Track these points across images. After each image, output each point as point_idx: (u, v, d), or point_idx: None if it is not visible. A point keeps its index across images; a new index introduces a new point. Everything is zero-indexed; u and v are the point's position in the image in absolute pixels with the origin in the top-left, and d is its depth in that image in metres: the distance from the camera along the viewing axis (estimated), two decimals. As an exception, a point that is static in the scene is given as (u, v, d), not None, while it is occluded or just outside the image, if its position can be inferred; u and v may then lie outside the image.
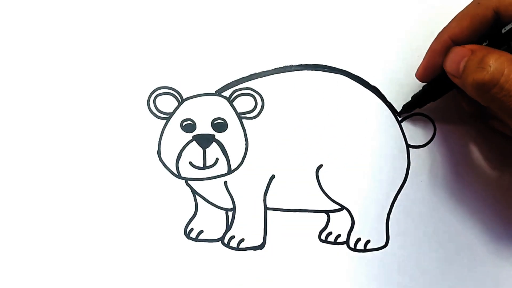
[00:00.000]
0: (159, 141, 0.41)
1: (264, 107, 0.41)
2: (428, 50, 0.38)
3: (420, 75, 0.39)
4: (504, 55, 0.32)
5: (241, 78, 0.42)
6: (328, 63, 0.42)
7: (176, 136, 0.41)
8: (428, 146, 0.42)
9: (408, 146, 0.42)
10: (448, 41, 0.37)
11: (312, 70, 0.42)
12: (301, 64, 0.42)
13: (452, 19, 0.37)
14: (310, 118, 0.41)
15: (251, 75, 0.42)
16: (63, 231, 0.41)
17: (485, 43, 0.35)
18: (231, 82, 0.42)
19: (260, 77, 0.42)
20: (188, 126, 0.41)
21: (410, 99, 0.41)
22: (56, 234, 0.41)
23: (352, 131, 0.41)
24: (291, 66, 0.42)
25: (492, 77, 0.31)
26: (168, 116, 0.41)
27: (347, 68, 0.42)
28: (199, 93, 0.41)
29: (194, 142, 0.41)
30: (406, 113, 0.42)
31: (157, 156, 0.41)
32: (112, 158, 0.41)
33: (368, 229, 0.41)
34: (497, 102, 0.32)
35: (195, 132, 0.41)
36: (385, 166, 0.41)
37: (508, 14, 0.34)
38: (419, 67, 0.39)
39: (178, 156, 0.41)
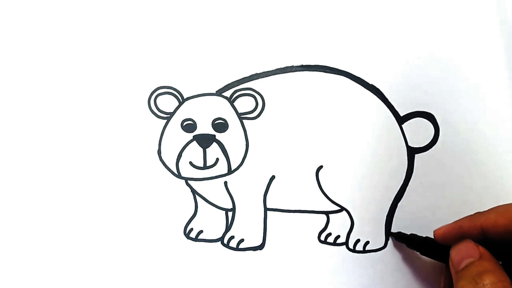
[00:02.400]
0: (159, 141, 0.41)
1: (265, 107, 0.41)
2: (457, 221, 0.37)
3: (438, 235, 0.37)
4: (504, 280, 0.30)
5: (242, 78, 0.41)
6: (329, 64, 0.42)
7: (176, 136, 0.41)
8: (428, 147, 0.42)
9: (409, 147, 0.42)
10: (479, 228, 0.35)
11: (313, 71, 0.42)
12: (302, 65, 0.42)
13: (494, 208, 0.35)
14: (311, 119, 0.41)
15: (252, 75, 0.42)
16: (62, 230, 0.41)
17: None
18: (232, 82, 0.41)
19: (261, 77, 0.42)
20: (189, 126, 0.41)
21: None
22: (55, 233, 0.40)
23: (353, 132, 0.41)
24: (292, 66, 0.42)
25: None
26: (169, 115, 0.41)
27: (348, 69, 0.42)
28: (200, 93, 0.41)
29: (194, 142, 0.41)
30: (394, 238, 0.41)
31: (157, 155, 0.41)
32: (113, 158, 0.41)
33: (368, 230, 0.41)
34: None
35: (196, 132, 0.41)
36: (385, 168, 0.41)
37: None
38: (441, 227, 0.37)
39: (178, 156, 0.41)
